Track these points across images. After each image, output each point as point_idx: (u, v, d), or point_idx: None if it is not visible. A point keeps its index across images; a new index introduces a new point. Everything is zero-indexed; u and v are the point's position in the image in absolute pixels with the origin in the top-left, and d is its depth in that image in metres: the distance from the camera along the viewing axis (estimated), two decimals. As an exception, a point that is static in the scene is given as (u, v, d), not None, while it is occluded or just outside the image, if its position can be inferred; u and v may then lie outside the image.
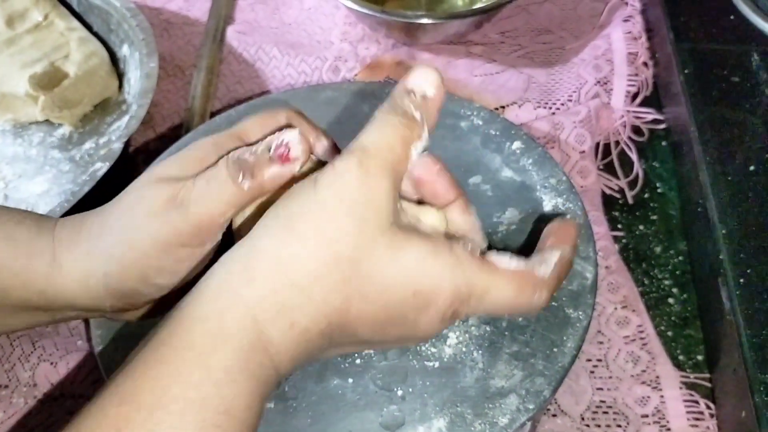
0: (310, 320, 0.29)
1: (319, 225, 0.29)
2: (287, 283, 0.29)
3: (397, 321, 0.31)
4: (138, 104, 0.54)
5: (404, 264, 0.30)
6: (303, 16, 0.68)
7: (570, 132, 0.56)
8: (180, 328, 0.28)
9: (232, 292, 0.29)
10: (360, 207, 0.29)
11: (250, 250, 0.29)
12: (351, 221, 0.29)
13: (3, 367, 0.47)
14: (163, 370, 0.27)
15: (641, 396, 0.44)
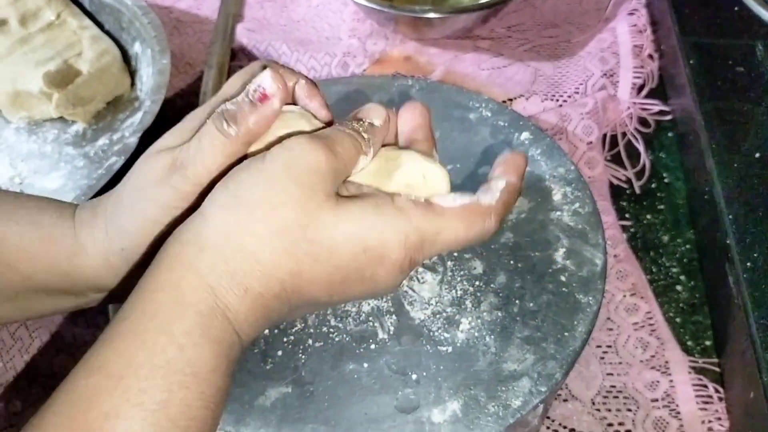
0: (262, 285, 0.30)
1: (265, 192, 0.30)
2: (236, 249, 0.30)
3: (354, 278, 0.32)
4: (151, 100, 0.54)
5: (350, 224, 0.31)
6: (311, 13, 0.69)
7: (577, 124, 0.57)
8: (140, 300, 0.29)
9: (186, 263, 0.30)
10: (306, 175, 0.30)
11: (200, 221, 0.31)
12: (296, 188, 0.30)
13: (22, 357, 0.47)
14: (128, 340, 0.28)
15: (651, 381, 0.45)
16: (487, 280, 0.42)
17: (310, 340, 0.39)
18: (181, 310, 0.29)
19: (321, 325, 0.40)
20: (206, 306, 0.29)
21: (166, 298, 0.29)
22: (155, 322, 0.28)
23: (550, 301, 0.41)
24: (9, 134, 0.61)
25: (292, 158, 0.31)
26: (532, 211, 0.45)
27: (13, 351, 0.48)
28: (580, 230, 0.44)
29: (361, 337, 0.40)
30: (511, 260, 0.43)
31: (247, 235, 0.30)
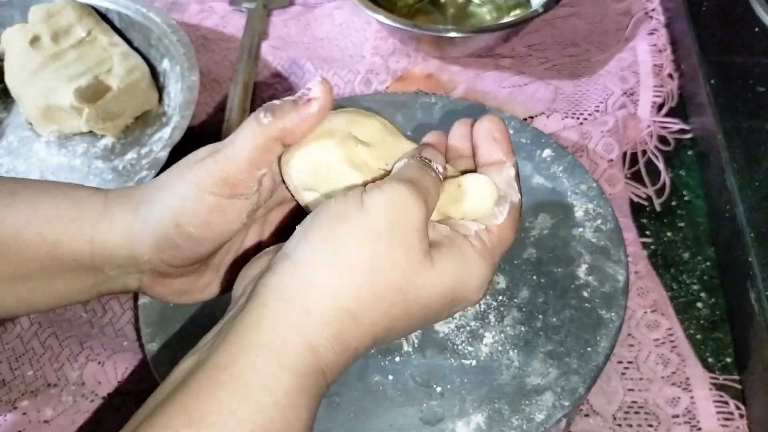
0: (359, 342, 0.32)
1: (370, 254, 0.31)
2: (340, 311, 0.31)
3: (432, 320, 0.35)
4: (180, 115, 0.56)
5: (442, 280, 0.32)
6: (335, 32, 0.70)
7: (598, 141, 0.57)
8: (242, 354, 0.29)
9: (290, 324, 0.30)
10: (408, 234, 0.31)
11: (301, 277, 0.31)
12: (400, 250, 0.31)
13: (52, 366, 0.48)
14: (229, 393, 0.28)
15: (672, 397, 0.45)
16: (510, 295, 0.43)
17: (337, 352, 0.40)
18: (283, 369, 0.29)
19: (347, 337, 0.41)
20: (306, 365, 0.30)
21: (269, 356, 0.29)
22: (257, 379, 0.29)
23: (572, 316, 0.42)
24: (40, 147, 0.62)
25: (395, 215, 0.31)
26: (554, 228, 0.46)
27: (43, 359, 0.49)
28: (603, 246, 0.44)
29: (387, 349, 0.40)
30: (534, 275, 0.43)
31: (351, 299, 0.31)
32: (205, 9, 0.74)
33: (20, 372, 0.48)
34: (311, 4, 0.74)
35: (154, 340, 0.42)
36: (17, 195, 0.35)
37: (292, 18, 0.72)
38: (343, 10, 0.72)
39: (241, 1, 0.74)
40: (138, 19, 0.65)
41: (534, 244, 0.45)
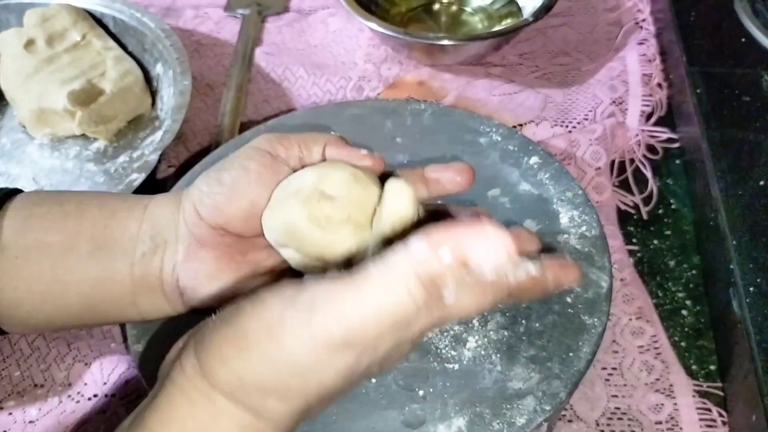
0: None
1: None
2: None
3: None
4: (172, 119, 0.56)
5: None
6: (328, 38, 0.71)
7: (586, 149, 0.58)
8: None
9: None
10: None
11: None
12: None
13: (39, 367, 0.49)
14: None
15: (655, 403, 0.45)
16: (494, 300, 0.43)
17: (321, 355, 0.40)
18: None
19: (331, 340, 0.41)
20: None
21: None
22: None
23: (555, 321, 0.42)
24: (32, 150, 0.63)
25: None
26: (539, 234, 0.46)
27: (30, 360, 0.49)
28: (587, 253, 0.45)
29: (370, 352, 0.41)
30: (518, 281, 0.44)
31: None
32: (200, 14, 0.74)
33: (7, 372, 0.49)
34: (305, 11, 0.75)
35: (139, 341, 0.42)
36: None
37: (286, 25, 0.73)
38: (336, 17, 0.72)
39: (236, 7, 0.75)
40: (132, 23, 0.66)
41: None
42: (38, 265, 0.35)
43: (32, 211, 0.36)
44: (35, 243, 0.36)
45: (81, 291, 0.36)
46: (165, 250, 0.37)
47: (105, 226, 0.36)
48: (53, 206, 0.37)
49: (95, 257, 0.36)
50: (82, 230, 0.36)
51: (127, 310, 0.37)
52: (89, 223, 0.36)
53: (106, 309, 0.37)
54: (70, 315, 0.37)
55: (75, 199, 0.38)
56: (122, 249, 0.36)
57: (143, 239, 0.37)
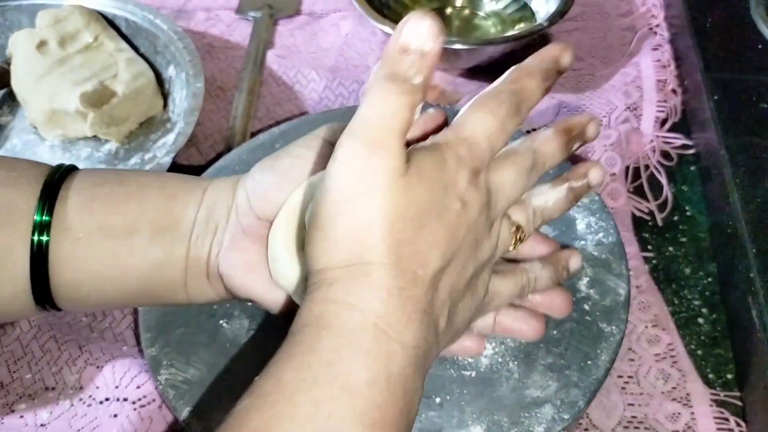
0: (390, 277, 0.30)
1: (350, 219, 0.30)
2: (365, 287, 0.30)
3: (450, 217, 0.31)
4: (185, 122, 0.56)
5: (422, 180, 0.31)
6: (340, 42, 0.71)
7: (601, 155, 0.57)
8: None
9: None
10: (377, 180, 0.30)
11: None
12: (373, 200, 0.30)
13: (51, 370, 0.48)
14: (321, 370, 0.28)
15: (672, 412, 0.45)
16: (511, 307, 0.42)
17: (336, 361, 0.40)
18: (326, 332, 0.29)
19: (347, 345, 0.41)
20: (354, 324, 0.29)
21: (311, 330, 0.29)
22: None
23: (573, 329, 0.41)
24: (44, 151, 0.62)
25: (351, 175, 0.31)
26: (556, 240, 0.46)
27: (41, 363, 0.49)
28: (604, 260, 0.44)
29: (386, 358, 0.40)
30: (536, 287, 0.43)
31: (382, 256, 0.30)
32: (212, 17, 0.74)
33: (18, 375, 0.48)
34: (317, 14, 0.74)
35: (153, 345, 0.42)
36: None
37: (298, 27, 0.73)
38: (348, 20, 0.72)
39: (248, 9, 0.74)
40: (145, 25, 0.65)
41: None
42: (100, 248, 0.35)
43: (94, 192, 0.36)
44: (98, 225, 0.35)
45: (141, 274, 0.36)
46: (215, 235, 0.36)
47: (166, 209, 0.36)
48: (115, 187, 0.36)
49: (156, 240, 0.35)
50: (143, 212, 0.36)
51: (178, 292, 0.37)
52: (151, 205, 0.36)
53: (161, 292, 0.37)
54: (127, 296, 0.36)
55: (136, 180, 0.37)
56: (181, 233, 0.36)
57: (199, 223, 0.36)
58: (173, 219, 0.36)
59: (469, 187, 0.32)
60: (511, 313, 0.39)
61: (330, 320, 0.29)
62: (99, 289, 0.36)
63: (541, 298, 0.40)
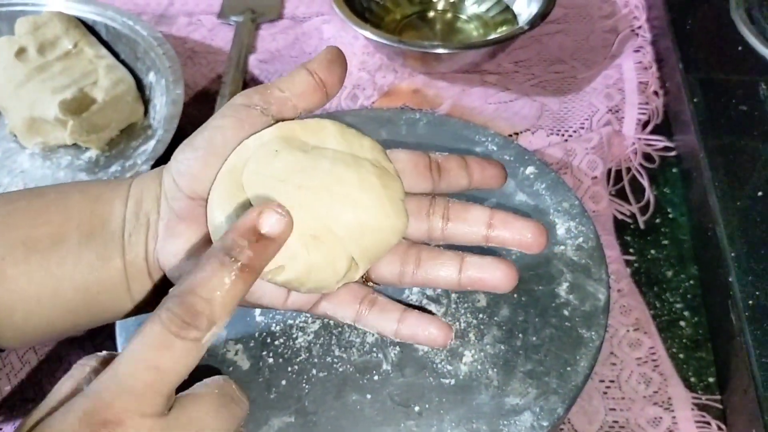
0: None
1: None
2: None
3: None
4: (164, 129, 0.56)
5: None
6: (322, 46, 0.70)
7: (582, 158, 0.57)
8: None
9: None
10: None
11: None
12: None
13: (30, 381, 0.48)
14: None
15: (653, 417, 0.45)
16: (490, 314, 0.42)
17: (314, 370, 0.40)
18: None
19: (325, 355, 0.41)
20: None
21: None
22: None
23: (552, 335, 0.41)
24: (24, 159, 0.62)
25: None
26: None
27: (20, 374, 0.48)
28: (584, 265, 0.44)
29: (365, 367, 0.40)
30: (515, 294, 0.43)
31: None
32: (193, 22, 0.74)
33: (-3, 387, 0.48)
34: (300, 18, 0.74)
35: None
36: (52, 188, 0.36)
37: (280, 32, 0.73)
38: (331, 24, 0.72)
39: (229, 14, 0.74)
40: (125, 31, 0.65)
41: (515, 262, 0.45)
42: (27, 264, 0.33)
43: (11, 208, 0.34)
44: (21, 239, 0.33)
45: (76, 284, 0.34)
46: (148, 228, 0.34)
47: (91, 211, 0.34)
48: (33, 199, 0.34)
49: (86, 245, 0.34)
50: (68, 219, 0.34)
51: (122, 299, 0.35)
52: (75, 210, 0.34)
53: (103, 301, 0.35)
54: (68, 313, 0.34)
55: (54, 190, 0.35)
56: (111, 233, 0.34)
57: (129, 219, 0.34)
58: (100, 220, 0.34)
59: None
60: (477, 262, 0.36)
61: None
62: (35, 312, 0.33)
63: (508, 233, 0.36)
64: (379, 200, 0.33)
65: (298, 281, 0.32)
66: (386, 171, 0.34)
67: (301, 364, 0.40)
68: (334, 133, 0.34)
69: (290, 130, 0.33)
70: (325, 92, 0.35)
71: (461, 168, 0.37)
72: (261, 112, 0.34)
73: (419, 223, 0.36)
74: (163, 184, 0.34)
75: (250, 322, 0.42)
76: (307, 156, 0.33)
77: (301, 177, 0.32)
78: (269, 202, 0.31)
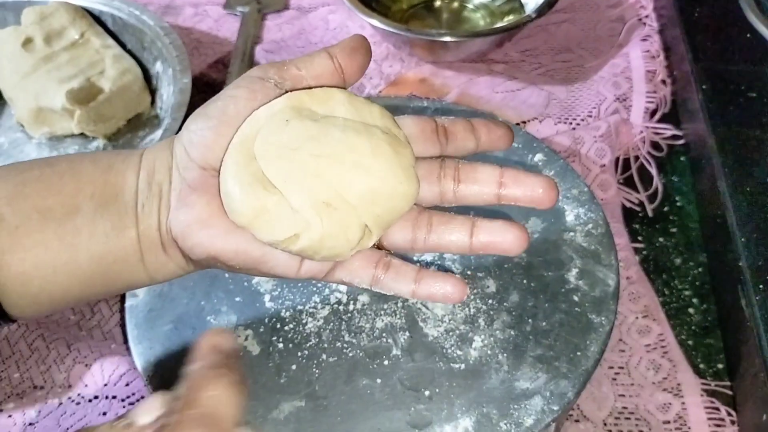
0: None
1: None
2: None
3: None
4: (172, 118, 0.56)
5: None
6: (328, 36, 0.70)
7: (590, 146, 0.57)
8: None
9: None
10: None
11: None
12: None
13: (39, 368, 0.48)
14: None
15: (663, 403, 0.45)
16: (500, 299, 0.42)
17: (324, 355, 0.40)
18: None
19: (335, 340, 0.41)
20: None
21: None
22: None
23: (562, 320, 0.41)
24: (31, 149, 0.62)
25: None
26: (545, 232, 0.45)
27: (29, 362, 0.48)
28: (593, 251, 0.44)
29: (375, 352, 0.40)
30: (524, 279, 0.43)
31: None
32: (200, 12, 0.74)
33: (6, 374, 0.48)
34: (305, 8, 0.74)
35: (141, 342, 0.42)
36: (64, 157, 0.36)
37: (286, 22, 0.72)
38: (337, 14, 0.72)
39: (236, 4, 0.74)
40: (131, 21, 0.65)
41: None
42: (43, 233, 0.32)
43: (23, 177, 0.33)
44: (35, 208, 0.33)
45: (92, 254, 0.33)
46: (161, 198, 0.34)
47: (105, 181, 0.34)
48: (44, 168, 0.34)
49: (101, 215, 0.33)
50: (81, 188, 0.33)
51: (136, 269, 0.35)
52: (87, 179, 0.34)
53: (118, 271, 0.34)
54: (83, 283, 0.34)
55: (65, 159, 0.35)
56: (124, 203, 0.34)
57: (142, 189, 0.34)
58: (113, 190, 0.34)
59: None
60: (488, 226, 0.35)
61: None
62: (51, 281, 0.33)
63: (520, 190, 0.35)
64: (390, 167, 0.32)
65: (312, 249, 0.32)
66: (396, 138, 0.34)
67: (311, 349, 0.40)
68: (343, 101, 0.34)
69: (299, 101, 0.33)
70: (342, 78, 0.34)
71: (468, 131, 0.37)
72: (275, 85, 0.33)
73: (431, 186, 0.36)
74: (175, 154, 0.34)
75: (259, 307, 0.42)
76: (317, 125, 0.33)
77: (312, 145, 0.32)
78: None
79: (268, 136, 0.32)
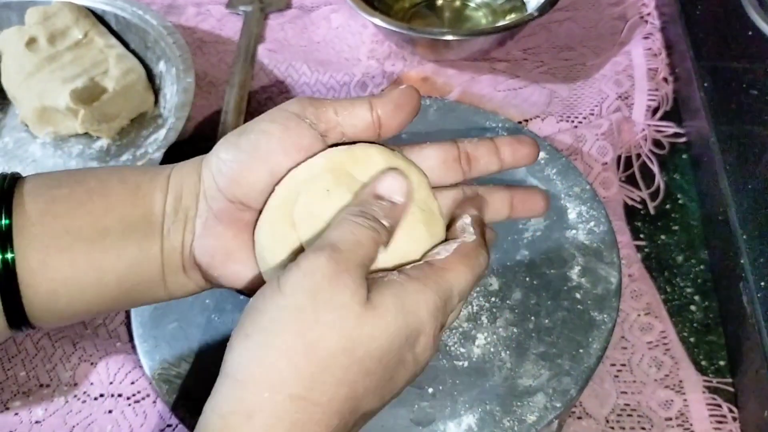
0: (323, 425, 0.29)
1: (298, 332, 0.28)
2: (285, 400, 0.28)
3: (399, 369, 0.31)
4: (175, 117, 0.56)
5: (387, 322, 0.30)
6: (331, 35, 0.71)
7: (592, 144, 0.57)
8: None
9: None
10: (335, 295, 0.29)
11: (235, 386, 0.29)
12: (329, 314, 0.29)
13: (45, 367, 0.48)
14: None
15: (665, 400, 0.45)
16: (503, 297, 0.43)
17: (329, 353, 0.40)
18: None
19: (339, 338, 0.41)
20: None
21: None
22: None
23: (565, 318, 0.42)
24: (35, 149, 0.62)
25: (315, 286, 0.29)
26: (547, 229, 0.46)
27: (35, 360, 0.49)
28: (596, 249, 0.45)
29: (379, 350, 0.40)
30: (527, 277, 0.43)
31: (292, 383, 0.28)
32: (202, 12, 0.74)
33: (12, 372, 0.48)
34: (308, 7, 0.74)
35: (146, 340, 0.42)
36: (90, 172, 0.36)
37: (289, 21, 0.73)
38: (339, 13, 0.72)
39: (238, 4, 0.74)
40: (134, 21, 0.65)
41: (527, 246, 0.45)
42: (72, 252, 0.33)
43: (52, 194, 0.33)
44: (65, 228, 0.33)
45: (119, 275, 0.34)
46: (186, 223, 0.34)
47: (133, 203, 0.34)
48: (74, 186, 0.34)
49: (128, 237, 0.33)
50: (110, 209, 0.33)
51: (157, 289, 0.35)
52: (116, 200, 0.34)
53: (141, 291, 0.35)
54: (107, 301, 0.34)
55: (94, 176, 0.35)
56: (151, 225, 0.34)
57: (169, 213, 0.34)
58: (141, 212, 0.34)
59: (427, 347, 0.31)
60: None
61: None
62: (77, 298, 0.33)
63: (526, 212, 0.38)
64: (423, 249, 0.33)
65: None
66: (432, 214, 0.34)
67: (315, 347, 0.40)
68: (381, 165, 0.34)
69: (339, 163, 0.33)
70: (378, 133, 0.34)
71: (492, 153, 0.37)
72: (310, 125, 0.33)
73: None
74: (203, 181, 0.34)
75: (263, 306, 0.42)
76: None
77: None
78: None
79: (309, 206, 0.33)
